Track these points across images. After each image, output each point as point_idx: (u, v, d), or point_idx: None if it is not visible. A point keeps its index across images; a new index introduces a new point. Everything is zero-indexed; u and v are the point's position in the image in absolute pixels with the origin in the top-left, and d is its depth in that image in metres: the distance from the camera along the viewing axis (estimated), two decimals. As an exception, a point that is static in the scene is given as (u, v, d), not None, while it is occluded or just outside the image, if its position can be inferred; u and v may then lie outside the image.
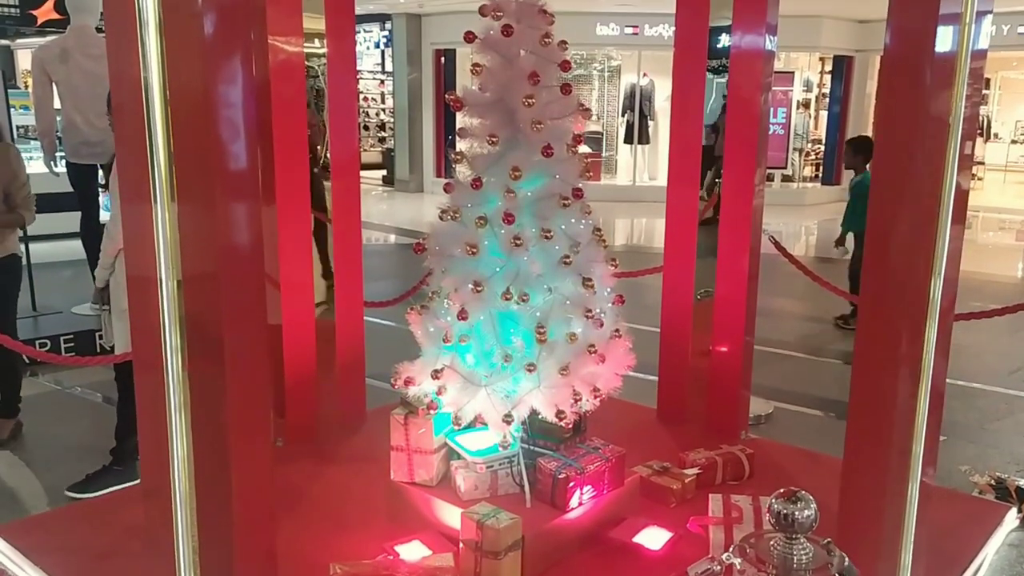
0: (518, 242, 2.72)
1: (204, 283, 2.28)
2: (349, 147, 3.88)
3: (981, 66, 2.58)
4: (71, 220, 6.73)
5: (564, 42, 2.83)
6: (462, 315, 2.76)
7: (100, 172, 6.33)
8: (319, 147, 3.96)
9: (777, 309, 7.17)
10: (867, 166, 6.58)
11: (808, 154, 17.04)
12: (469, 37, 2.81)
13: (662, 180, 4.22)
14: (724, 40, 3.78)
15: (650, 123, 16.50)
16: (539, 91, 2.72)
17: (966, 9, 2.39)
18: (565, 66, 2.81)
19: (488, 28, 2.77)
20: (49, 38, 7.76)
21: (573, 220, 2.83)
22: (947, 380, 2.78)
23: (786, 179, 16.51)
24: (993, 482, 3.83)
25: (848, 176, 7.83)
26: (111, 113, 4.29)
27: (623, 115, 16.81)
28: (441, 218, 2.89)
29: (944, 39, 2.40)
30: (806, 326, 7.22)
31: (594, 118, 16.98)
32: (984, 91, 20.61)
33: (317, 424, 3.82)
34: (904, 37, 2.48)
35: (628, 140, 16.73)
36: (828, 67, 17.10)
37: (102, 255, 3.93)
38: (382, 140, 20.08)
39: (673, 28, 3.93)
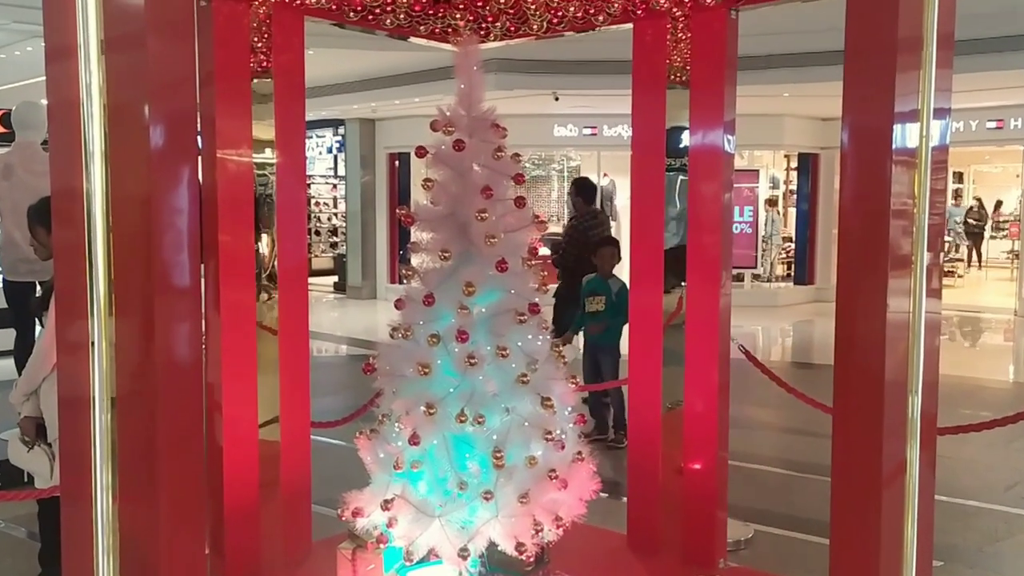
0: (473, 361, 2.73)
1: (139, 404, 2.25)
2: (297, 257, 3.91)
3: (944, 159, 2.65)
4: (4, 338, 6.70)
5: (517, 155, 2.91)
6: (414, 439, 2.74)
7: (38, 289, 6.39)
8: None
9: (751, 420, 7.16)
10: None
11: (778, 252, 17.35)
12: (420, 152, 2.89)
13: (626, 280, 4.28)
14: (684, 139, 3.89)
15: (612, 223, 16.78)
16: (492, 205, 2.79)
17: (923, 107, 2.46)
18: (519, 179, 2.88)
19: (440, 142, 2.85)
20: (-7, 153, 7.92)
21: (530, 336, 2.85)
22: (939, 498, 2.74)
23: (757, 278, 16.74)
24: None
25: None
26: (33, 233, 4.30)
27: (585, 216, 17.05)
28: (392, 336, 2.90)
29: (901, 136, 2.45)
30: (783, 438, 7.21)
31: (554, 220, 17.24)
32: (958, 185, 21.37)
33: (259, 559, 3.72)
34: (859, 135, 2.54)
35: (591, 240, 16.93)
36: (794, 163, 17.57)
37: (26, 373, 3.87)
38: (334, 245, 20.21)
39: (631, 128, 4.04)
